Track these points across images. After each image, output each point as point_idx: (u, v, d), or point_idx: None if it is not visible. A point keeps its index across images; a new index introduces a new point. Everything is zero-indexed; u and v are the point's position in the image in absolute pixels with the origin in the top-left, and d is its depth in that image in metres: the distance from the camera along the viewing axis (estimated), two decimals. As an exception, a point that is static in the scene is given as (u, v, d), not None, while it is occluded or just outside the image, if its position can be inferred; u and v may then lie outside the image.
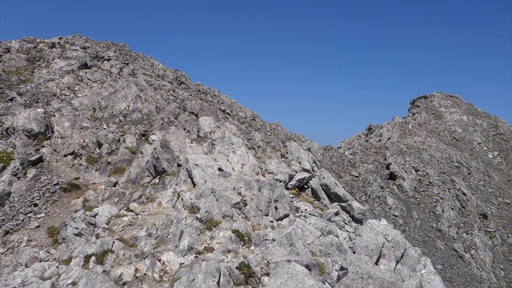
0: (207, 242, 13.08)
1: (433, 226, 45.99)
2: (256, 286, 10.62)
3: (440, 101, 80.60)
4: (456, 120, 73.24)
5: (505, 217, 49.96)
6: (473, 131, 70.03)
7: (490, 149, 66.32)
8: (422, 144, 60.57)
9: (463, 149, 64.30)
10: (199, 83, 51.90)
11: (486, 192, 53.74)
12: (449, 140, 66.53)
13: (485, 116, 76.06)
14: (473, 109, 78.71)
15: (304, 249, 11.17)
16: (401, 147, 58.80)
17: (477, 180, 55.89)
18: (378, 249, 15.65)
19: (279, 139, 49.14)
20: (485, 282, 40.38)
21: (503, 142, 68.33)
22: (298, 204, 19.39)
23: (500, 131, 71.03)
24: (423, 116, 74.53)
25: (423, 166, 54.38)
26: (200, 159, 19.77)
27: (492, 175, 57.78)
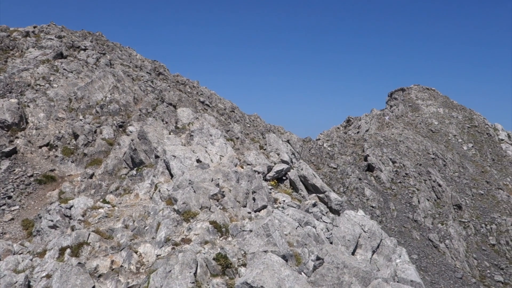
0: (184, 233, 13.03)
1: (409, 217, 46.80)
2: (233, 277, 10.64)
3: (417, 93, 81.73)
4: (432, 113, 74.42)
5: (479, 207, 51.16)
6: (449, 124, 71.30)
7: (465, 141, 67.69)
8: (399, 136, 61.41)
9: (439, 141, 65.44)
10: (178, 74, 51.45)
11: (461, 183, 54.89)
12: (425, 132, 67.61)
13: (460, 109, 77.48)
14: (449, 101, 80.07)
15: (281, 239, 11.23)
16: (379, 139, 59.50)
17: (452, 171, 57.01)
18: (355, 239, 15.86)
19: (258, 131, 49.18)
20: (459, 271, 41.35)
21: (477, 134, 69.78)
22: (276, 195, 19.47)
23: (474, 123, 72.49)
24: (401, 109, 75.51)
25: (400, 158, 55.18)
26: (178, 151, 19.64)
27: (467, 166, 59.02)
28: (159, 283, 10.61)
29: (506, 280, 42.33)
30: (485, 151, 65.78)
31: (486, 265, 43.91)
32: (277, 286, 7.90)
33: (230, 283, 10.35)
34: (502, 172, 61.12)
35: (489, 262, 44.25)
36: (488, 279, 42.20)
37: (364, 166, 52.97)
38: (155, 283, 10.64)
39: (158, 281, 10.68)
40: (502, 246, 46.24)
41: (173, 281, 10.34)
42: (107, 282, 11.63)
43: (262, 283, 7.89)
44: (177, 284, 10.26)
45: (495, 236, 47.27)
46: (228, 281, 10.53)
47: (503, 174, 60.73)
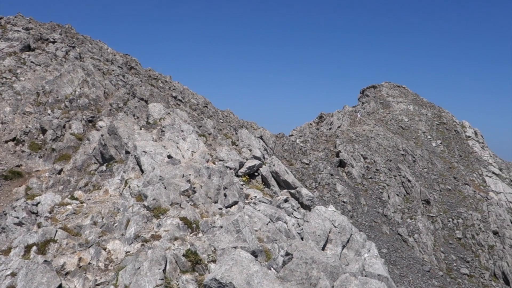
0: (154, 230, 12.93)
1: (380, 212, 47.64)
2: (202, 273, 10.63)
3: (388, 91, 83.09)
4: (402, 110, 75.82)
5: (446, 202, 52.48)
6: (418, 121, 72.79)
7: (434, 138, 69.25)
8: (371, 132, 62.34)
9: (409, 138, 66.75)
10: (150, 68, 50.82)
11: (429, 179, 56.17)
12: (396, 129, 68.86)
13: (429, 106, 79.17)
14: (419, 99, 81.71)
15: (251, 235, 11.26)
16: (351, 135, 60.27)
17: (421, 167, 58.27)
18: (325, 234, 16.03)
19: (231, 127, 49.11)
20: (427, 265, 42.36)
21: (446, 131, 71.50)
22: (248, 191, 19.50)
23: (443, 120, 74.22)
24: (372, 105, 76.63)
25: (371, 154, 56.04)
26: (149, 146, 19.42)
27: (435, 162, 60.41)
28: (128, 280, 10.51)
29: (471, 273, 43.61)
30: (452, 148, 67.47)
31: (453, 258, 45.13)
32: (245, 282, 7.93)
33: (199, 280, 10.34)
34: (469, 168, 62.83)
35: (455, 256, 45.49)
36: (455, 272, 43.39)
37: (336, 162, 53.59)
38: (124, 280, 10.53)
39: (127, 278, 10.57)
40: (468, 240, 47.57)
41: (142, 278, 10.26)
42: (74, 280, 11.44)
43: (231, 279, 7.91)
44: (146, 281, 10.18)
45: (462, 230, 48.59)
46: (197, 277, 10.51)
47: (470, 170, 62.44)
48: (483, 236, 47.52)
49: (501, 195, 58.70)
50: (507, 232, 48.25)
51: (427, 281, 40.10)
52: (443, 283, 40.59)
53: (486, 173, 62.43)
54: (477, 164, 64.51)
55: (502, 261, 44.58)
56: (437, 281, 40.48)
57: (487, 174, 62.09)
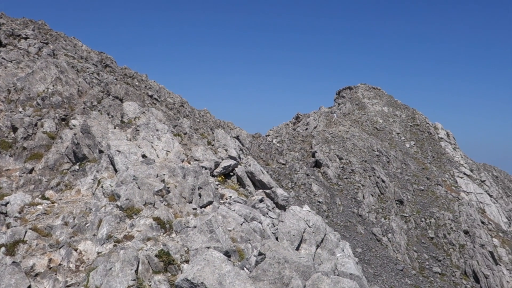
0: (127, 230, 12.79)
1: (354, 212, 48.19)
2: (175, 273, 10.57)
3: (363, 92, 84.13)
4: (377, 111, 76.89)
5: (419, 202, 53.45)
6: (392, 122, 73.94)
7: (408, 139, 70.45)
8: (346, 133, 63.02)
9: (383, 139, 67.74)
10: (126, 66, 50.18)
11: (403, 180, 57.10)
12: (371, 130, 69.77)
13: (404, 108, 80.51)
14: (393, 101, 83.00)
15: (224, 235, 11.26)
16: (327, 136, 60.79)
17: (395, 168, 59.19)
18: (299, 234, 16.13)
19: (207, 126, 48.93)
20: (400, 263, 43.07)
21: (419, 133, 72.83)
22: (223, 191, 19.48)
23: (417, 122, 75.59)
24: (348, 107, 77.46)
25: (346, 154, 56.65)
26: (123, 146, 19.20)
27: (409, 163, 61.45)
28: (99, 281, 10.37)
29: (443, 271, 44.55)
30: (425, 149, 68.78)
31: (425, 257, 45.99)
32: (217, 282, 7.93)
33: (172, 280, 10.28)
34: (441, 169, 64.15)
35: (428, 255, 46.37)
36: (427, 271, 44.22)
37: (312, 162, 53.97)
38: (95, 281, 10.39)
39: (98, 279, 10.43)
40: (440, 239, 48.55)
41: (114, 278, 10.14)
42: (44, 281, 11.23)
43: (203, 280, 7.89)
44: (118, 282, 10.07)
45: (434, 229, 49.55)
46: (170, 277, 10.45)
47: (442, 170, 63.76)
48: (454, 236, 48.57)
49: (471, 196, 60.15)
50: (477, 231, 49.44)
51: (400, 280, 40.76)
52: (415, 282, 41.33)
53: (458, 174, 63.87)
54: (449, 165, 65.93)
55: (472, 260, 45.66)
56: (410, 280, 41.18)
57: (459, 175, 63.53)
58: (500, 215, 59.53)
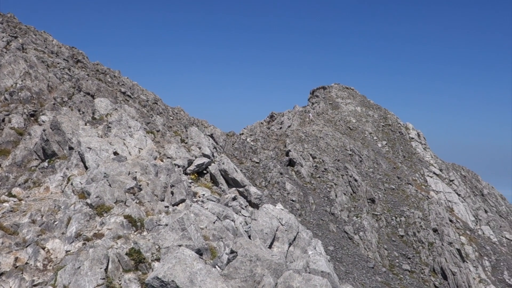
0: (97, 228, 12.57)
1: (327, 210, 48.67)
2: (146, 272, 10.45)
3: (337, 92, 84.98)
4: (351, 111, 77.82)
5: (390, 201, 54.37)
6: (365, 122, 74.97)
7: (380, 139, 71.57)
8: (320, 132, 63.54)
9: (356, 138, 68.61)
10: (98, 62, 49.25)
11: (375, 179, 57.98)
12: (344, 129, 70.57)
13: (376, 108, 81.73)
14: (366, 101, 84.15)
15: (196, 233, 11.19)
16: (300, 135, 61.17)
17: (367, 167, 60.04)
18: (272, 232, 16.16)
19: (181, 124, 48.56)
20: (371, 261, 43.74)
21: (391, 133, 74.08)
22: (196, 189, 19.36)
23: (388, 122, 76.86)
24: (322, 106, 78.12)
25: (319, 153, 57.14)
26: (94, 142, 18.85)
27: (381, 162, 62.44)
28: (67, 280, 10.17)
29: (412, 269, 45.47)
30: (397, 149, 70.01)
31: (395, 255, 46.82)
32: (188, 280, 7.87)
33: (143, 278, 10.16)
34: (412, 169, 65.42)
35: (398, 252, 47.23)
36: (397, 268, 45.05)
37: (286, 161, 54.23)
38: (63, 280, 10.17)
39: (66, 278, 10.22)
40: (410, 237, 49.50)
41: (82, 277, 9.95)
42: (9, 281, 10.93)
43: (173, 278, 7.82)
44: (86, 280, 9.89)
45: (404, 228, 50.49)
46: (141, 276, 10.32)
47: (412, 170, 65.03)
48: (423, 234, 49.61)
49: (440, 194, 61.57)
50: (445, 229, 50.64)
51: (371, 277, 41.38)
52: (386, 279, 42.03)
53: (428, 173, 65.27)
54: (419, 165, 67.28)
55: (440, 257, 46.74)
56: (380, 277, 41.86)
57: (428, 174, 64.93)
58: (468, 214, 61.14)
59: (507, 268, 50.91)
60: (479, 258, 51.00)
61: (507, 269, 50.65)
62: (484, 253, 52.45)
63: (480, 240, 55.12)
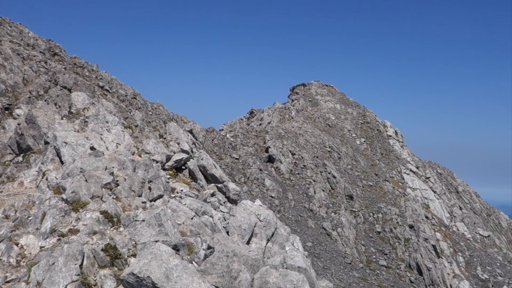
0: (72, 224, 12.40)
1: (306, 207, 48.99)
2: (122, 267, 10.36)
3: (317, 89, 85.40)
4: (330, 108, 78.34)
5: (368, 198, 55.03)
6: (344, 119, 75.60)
7: (358, 136, 72.28)
8: (299, 129, 63.83)
9: (335, 135, 69.16)
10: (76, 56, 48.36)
11: (353, 175, 58.57)
12: (323, 126, 71.04)
13: (355, 106, 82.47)
14: (345, 98, 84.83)
15: (173, 229, 11.13)
16: (280, 131, 61.35)
17: (346, 164, 60.60)
18: (250, 228, 16.19)
19: (160, 119, 48.17)
20: (348, 257, 44.24)
21: (369, 130, 74.88)
22: (175, 185, 19.25)
23: (367, 120, 77.67)
24: (301, 103, 78.47)
25: (299, 150, 57.42)
26: (70, 137, 18.56)
27: (359, 159, 63.09)
28: (41, 276, 10.01)
29: (389, 264, 46.17)
30: (375, 146, 70.83)
31: (372, 251, 47.46)
32: (164, 276, 7.83)
33: (118, 274, 10.08)
34: (389, 166, 66.30)
35: (375, 248, 47.87)
36: (374, 264, 45.68)
37: (265, 158, 54.33)
38: (36, 277, 10.02)
39: (40, 274, 10.07)
40: (386, 233, 50.22)
41: (56, 273, 9.82)
42: (-19, 277, 10.71)
43: (149, 273, 7.78)
44: (61, 276, 9.76)
45: (381, 224, 51.19)
46: (116, 272, 10.24)
47: (390, 167, 65.91)
48: (400, 230, 50.38)
49: (417, 191, 62.60)
50: (421, 226, 51.53)
51: (348, 273, 41.87)
52: (363, 275, 42.58)
53: (405, 170, 66.24)
54: (396, 162, 68.22)
55: (416, 253, 47.55)
56: (357, 273, 42.39)
57: (405, 172, 65.90)
58: (443, 210, 62.32)
59: (480, 263, 52.12)
60: (454, 254, 52.07)
61: (480, 265, 51.86)
62: (458, 249, 53.58)
63: (454, 237, 56.27)
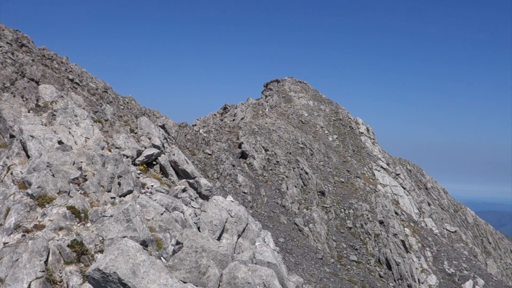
0: (38, 219, 12.11)
1: (278, 203, 49.23)
2: (89, 264, 10.19)
3: (290, 85, 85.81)
4: (303, 105, 78.86)
5: (340, 194, 55.71)
6: (317, 116, 76.23)
7: (331, 133, 73.03)
8: (272, 125, 64.04)
9: (308, 132, 69.68)
10: (44, 47, 47.12)
11: (325, 172, 59.17)
12: (296, 123, 71.47)
13: (328, 103, 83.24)
14: (318, 95, 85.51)
15: (142, 225, 11.01)
16: (253, 127, 61.40)
17: (318, 160, 61.16)
18: (221, 224, 16.16)
19: (132, 114, 47.50)
20: (320, 252, 44.71)
21: (341, 127, 75.75)
22: (145, 180, 19.04)
23: (339, 116, 78.53)
24: (275, 99, 78.70)
25: (272, 146, 57.60)
26: (37, 131, 18.11)
27: (331, 156, 63.77)
28: (4, 273, 9.76)
29: (359, 259, 46.91)
30: (347, 143, 71.72)
31: (343, 246, 48.10)
32: (131, 272, 7.74)
33: (84, 270, 9.91)
34: (361, 162, 67.27)
35: (346, 244, 48.52)
36: (344, 259, 46.31)
37: (238, 153, 54.29)
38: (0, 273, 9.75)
39: (3, 270, 9.81)
40: (357, 229, 50.96)
41: (20, 270, 9.59)
42: None
43: (115, 269, 7.67)
44: (25, 273, 9.53)
45: (352, 220, 51.90)
46: (83, 268, 10.07)
47: (361, 164, 66.87)
48: (370, 226, 51.21)
49: (387, 188, 63.76)
50: (391, 221, 52.52)
51: (320, 268, 42.31)
52: (334, 270, 43.11)
53: (375, 167, 67.34)
54: (368, 159, 69.27)
55: (386, 248, 48.45)
56: (328, 268, 42.88)
57: (376, 168, 67.01)
58: (412, 206, 63.71)
59: (447, 258, 53.54)
60: (422, 249, 53.30)
61: (447, 259, 53.27)
62: (426, 244, 54.87)
63: (423, 232, 57.59)
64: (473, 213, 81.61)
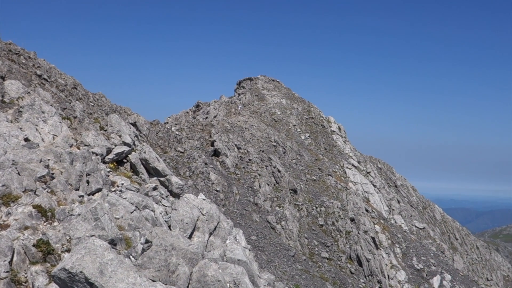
0: (2, 219, 11.78)
1: (251, 200, 49.32)
2: (55, 263, 9.99)
3: (263, 84, 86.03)
4: (276, 103, 79.19)
5: (311, 192, 56.22)
6: (290, 114, 76.68)
7: (303, 131, 73.61)
8: (245, 123, 64.07)
9: (281, 130, 70.02)
10: (11, 42, 45.79)
11: (297, 170, 59.59)
12: (269, 121, 71.71)
13: (300, 101, 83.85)
14: (291, 94, 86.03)
15: (110, 223, 10.86)
16: (226, 125, 61.28)
17: (291, 158, 61.55)
18: (193, 222, 16.09)
19: (102, 111, 46.67)
20: (292, 250, 45.03)
21: (314, 125, 76.43)
22: (115, 178, 18.79)
23: (312, 115, 79.22)
24: (248, 97, 78.75)
25: (244, 144, 57.63)
26: (3, 128, 17.61)
27: (303, 154, 64.27)
28: (-34, 274, 9.45)
29: (330, 256, 47.47)
30: (319, 141, 72.41)
31: (315, 243, 48.58)
32: (98, 271, 7.63)
33: (51, 270, 9.70)
34: (332, 161, 68.04)
35: (317, 241, 49.02)
36: (316, 256, 46.79)
37: (211, 151, 54.10)
38: (-39, 275, 9.45)
39: (-35, 272, 9.50)
40: (329, 226, 51.54)
41: (-17, 271, 9.30)
42: None
43: (82, 268, 7.54)
44: (-12, 274, 9.26)
45: (324, 217, 52.46)
46: (49, 268, 9.86)
47: (333, 162, 67.64)
48: (341, 223, 51.87)
49: (358, 186, 64.70)
50: (361, 219, 53.33)
51: (292, 265, 42.62)
52: (305, 267, 43.50)
53: (347, 165, 68.24)
54: (339, 157, 70.12)
55: (356, 245, 49.18)
56: (300, 265, 43.24)
57: (347, 166, 67.91)
58: (382, 204, 64.87)
59: (416, 254, 54.78)
60: (391, 246, 54.36)
61: (416, 255, 54.51)
62: (395, 240, 55.98)
63: (392, 229, 58.74)
64: (441, 210, 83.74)
